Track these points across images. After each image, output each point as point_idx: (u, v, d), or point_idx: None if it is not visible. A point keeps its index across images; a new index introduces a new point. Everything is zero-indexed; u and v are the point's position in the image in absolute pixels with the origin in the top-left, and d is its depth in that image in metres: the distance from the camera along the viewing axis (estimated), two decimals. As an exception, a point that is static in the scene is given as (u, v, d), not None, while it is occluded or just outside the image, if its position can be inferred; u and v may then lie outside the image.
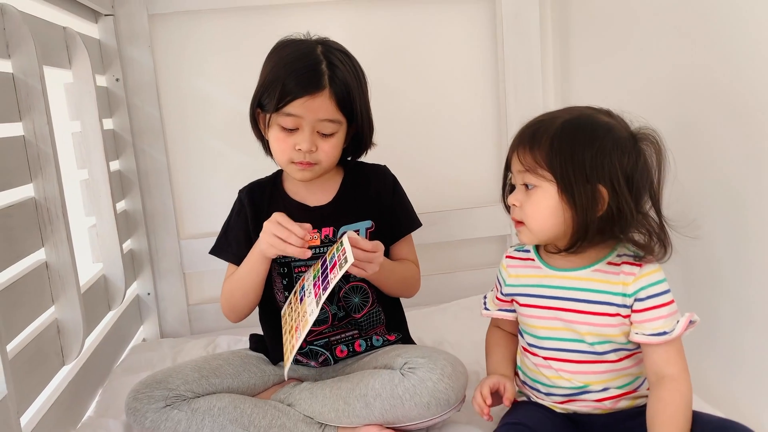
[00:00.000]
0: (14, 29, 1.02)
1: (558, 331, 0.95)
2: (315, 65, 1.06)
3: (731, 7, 1.06)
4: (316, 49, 1.09)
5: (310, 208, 1.17)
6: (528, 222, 0.93)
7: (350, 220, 1.15)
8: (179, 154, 1.67)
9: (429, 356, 1.03)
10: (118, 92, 1.57)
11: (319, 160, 1.10)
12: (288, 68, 1.06)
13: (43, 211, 1.08)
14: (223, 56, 1.66)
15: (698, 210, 1.15)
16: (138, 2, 1.55)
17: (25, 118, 1.05)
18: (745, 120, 1.06)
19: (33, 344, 1.01)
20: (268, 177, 1.25)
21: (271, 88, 1.07)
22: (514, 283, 1.02)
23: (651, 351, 0.90)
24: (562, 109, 0.97)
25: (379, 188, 1.20)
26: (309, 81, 1.05)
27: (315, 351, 1.16)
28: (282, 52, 1.11)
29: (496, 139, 1.82)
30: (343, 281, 1.15)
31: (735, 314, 1.12)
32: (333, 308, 1.15)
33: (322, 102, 1.06)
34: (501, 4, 1.70)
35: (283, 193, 1.19)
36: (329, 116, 1.07)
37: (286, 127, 1.08)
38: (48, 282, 1.10)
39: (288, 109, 1.05)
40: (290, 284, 1.15)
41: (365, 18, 1.70)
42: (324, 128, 1.08)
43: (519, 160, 0.93)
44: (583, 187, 0.88)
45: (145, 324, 1.67)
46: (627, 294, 0.90)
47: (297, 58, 1.08)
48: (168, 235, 1.64)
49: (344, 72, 1.08)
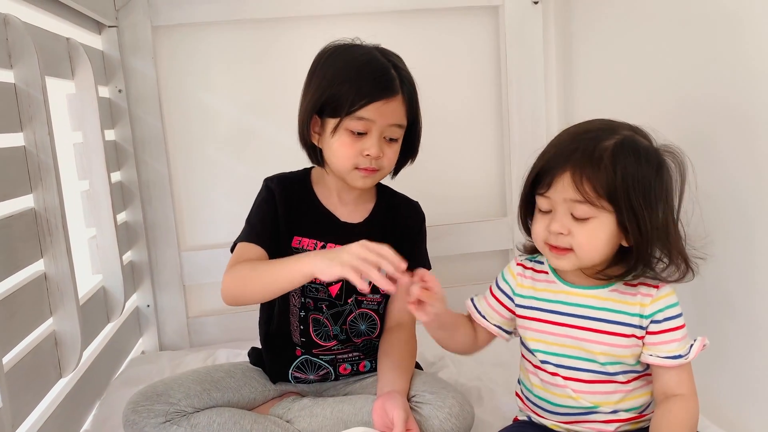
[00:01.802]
0: (17, 40, 1.02)
1: (569, 348, 0.93)
2: (386, 69, 1.05)
3: (736, 17, 1.06)
4: (377, 53, 1.08)
5: (339, 222, 1.14)
6: (580, 251, 0.88)
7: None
8: (181, 165, 1.67)
9: (437, 392, 1.01)
10: (121, 103, 1.57)
11: (382, 166, 1.07)
12: (359, 71, 1.04)
13: (43, 222, 1.07)
14: (225, 68, 1.66)
15: (705, 228, 1.14)
16: (142, 14, 1.56)
17: (26, 129, 1.04)
18: (751, 133, 1.05)
19: (30, 356, 1.00)
20: (296, 173, 1.20)
21: (341, 91, 1.03)
22: (525, 294, 0.98)
23: (662, 373, 0.89)
24: (588, 123, 0.92)
25: (410, 222, 1.19)
26: (384, 85, 1.03)
27: (316, 363, 1.14)
28: (345, 55, 1.08)
29: (499, 152, 1.81)
30: (355, 306, 1.13)
31: (745, 336, 1.10)
32: (336, 329, 1.13)
33: (396, 106, 1.05)
34: (504, 16, 1.70)
35: (314, 198, 1.15)
36: (399, 121, 1.06)
37: (355, 132, 1.04)
38: (46, 293, 1.09)
39: (362, 112, 1.02)
40: (303, 291, 1.11)
41: (369, 31, 1.67)
42: (391, 133, 1.06)
43: (574, 189, 0.85)
44: (649, 215, 0.85)
45: (144, 336, 1.66)
46: (644, 315, 0.89)
47: (366, 62, 1.05)
48: (168, 246, 1.64)
49: (409, 77, 1.08)
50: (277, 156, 1.69)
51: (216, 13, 1.60)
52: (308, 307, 1.12)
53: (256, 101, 1.68)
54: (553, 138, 0.93)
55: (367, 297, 1.13)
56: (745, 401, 1.12)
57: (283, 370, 1.15)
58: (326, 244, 1.11)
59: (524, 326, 0.98)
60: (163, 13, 1.57)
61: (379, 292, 1.12)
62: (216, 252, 1.67)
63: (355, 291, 1.12)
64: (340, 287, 1.11)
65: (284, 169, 1.22)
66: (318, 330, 1.13)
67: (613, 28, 1.45)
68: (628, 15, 1.37)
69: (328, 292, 1.11)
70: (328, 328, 1.12)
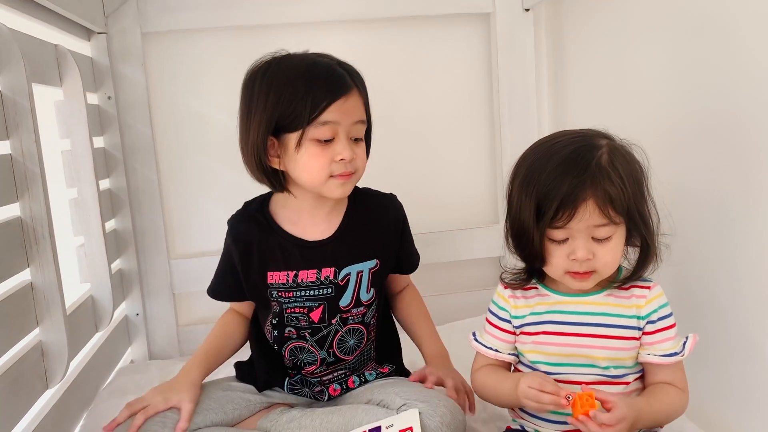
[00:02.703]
0: (3, 47, 1.00)
1: (569, 357, 0.92)
2: (332, 67, 1.01)
3: (728, 28, 1.06)
4: (312, 55, 1.03)
5: (308, 244, 1.08)
6: (604, 269, 0.89)
7: (354, 260, 1.08)
8: (170, 172, 1.66)
9: (429, 401, 0.98)
10: (110, 110, 1.56)
11: (357, 167, 1.03)
12: (307, 76, 0.98)
13: (30, 231, 1.06)
14: (215, 75, 1.65)
15: (689, 230, 1.15)
16: (131, 20, 1.55)
17: (13, 137, 1.03)
18: (739, 138, 1.05)
19: (15, 367, 0.99)
20: (256, 205, 1.14)
21: (294, 101, 0.97)
22: (521, 314, 0.97)
23: (658, 371, 0.92)
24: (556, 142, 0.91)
25: (388, 222, 1.13)
26: (338, 82, 0.99)
27: (310, 381, 1.12)
28: (282, 67, 1.01)
29: (490, 159, 1.81)
30: (341, 325, 1.09)
31: (727, 336, 1.11)
32: (323, 353, 1.09)
33: (355, 102, 1.01)
34: (495, 23, 1.70)
35: (277, 227, 1.09)
36: (361, 117, 1.02)
37: (322, 140, 0.98)
38: (33, 303, 1.07)
39: (324, 116, 0.97)
40: (281, 324, 1.09)
41: (359, 39, 1.70)
42: (357, 132, 1.02)
43: (600, 214, 0.84)
44: (649, 215, 0.90)
45: (133, 345, 1.64)
46: (641, 316, 0.91)
47: (310, 66, 1.00)
48: (158, 254, 1.62)
49: (354, 69, 1.04)
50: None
51: (206, 19, 1.59)
52: (290, 336, 1.09)
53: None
54: (523, 167, 0.91)
55: (352, 312, 1.09)
56: (725, 400, 1.12)
57: (279, 381, 1.13)
58: (298, 272, 1.07)
59: (522, 341, 0.97)
60: (152, 20, 1.57)
61: (362, 305, 1.09)
62: (206, 260, 1.65)
63: (338, 311, 1.08)
64: (322, 310, 1.08)
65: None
66: (303, 356, 1.10)
67: (604, 35, 1.45)
68: (619, 22, 1.38)
69: (310, 319, 1.08)
70: (314, 353, 1.09)
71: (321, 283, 1.07)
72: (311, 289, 1.07)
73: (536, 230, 0.88)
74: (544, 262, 0.91)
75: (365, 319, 1.11)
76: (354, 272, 1.08)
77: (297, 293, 1.07)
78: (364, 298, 1.09)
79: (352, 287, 1.08)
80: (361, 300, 1.09)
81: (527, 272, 0.98)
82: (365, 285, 1.09)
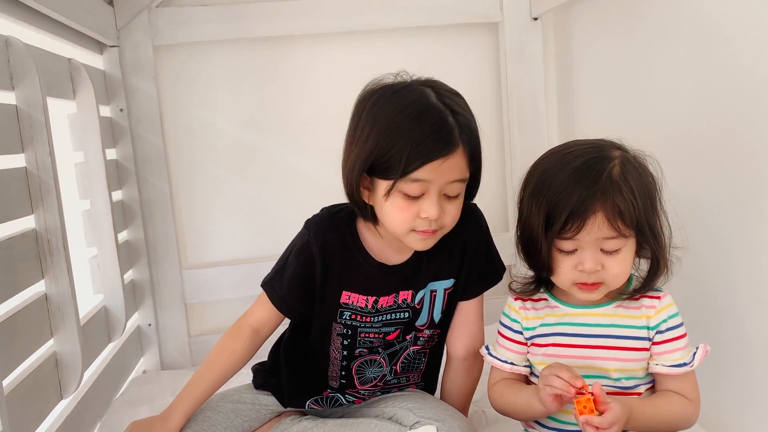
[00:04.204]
0: (18, 62, 1.02)
1: (580, 369, 0.90)
2: (442, 118, 0.90)
3: (736, 31, 1.06)
4: (431, 96, 0.93)
5: (390, 269, 1.03)
6: (612, 282, 0.88)
7: (429, 280, 1.04)
8: (182, 183, 1.67)
9: (443, 420, 0.96)
10: (122, 122, 1.57)
11: (443, 224, 0.95)
12: (412, 124, 0.90)
13: (44, 243, 1.07)
14: (226, 86, 1.67)
15: (702, 242, 1.14)
16: (143, 34, 1.57)
17: (28, 150, 1.04)
18: (751, 145, 1.05)
19: (30, 378, 1.00)
20: (340, 217, 1.05)
21: (392, 150, 0.90)
22: (532, 326, 0.97)
23: (667, 381, 0.90)
24: (569, 151, 0.90)
25: (467, 237, 1.04)
26: (442, 140, 0.89)
27: (337, 400, 1.10)
28: (394, 102, 0.93)
29: (500, 168, 1.81)
30: (413, 341, 1.06)
31: (744, 346, 1.10)
32: (387, 369, 1.07)
33: (457, 162, 0.91)
34: (503, 32, 1.71)
35: (362, 250, 1.03)
36: (460, 176, 0.93)
37: (411, 195, 0.92)
38: (47, 314, 1.08)
39: (417, 174, 0.89)
40: (352, 345, 1.05)
41: (370, 50, 1.71)
42: (452, 190, 0.93)
43: (609, 227, 0.84)
44: (660, 229, 0.89)
45: (145, 355, 1.65)
46: (650, 327, 0.90)
47: (420, 112, 0.91)
48: (170, 265, 1.63)
49: (468, 121, 0.93)
50: (278, 174, 1.70)
51: (216, 32, 1.61)
52: (361, 354, 1.06)
53: (257, 119, 1.69)
54: (535, 175, 0.91)
55: (424, 333, 1.07)
56: (747, 410, 1.11)
57: (301, 400, 1.11)
58: (378, 298, 1.03)
59: (533, 353, 0.97)
60: (164, 33, 1.58)
61: (435, 326, 1.07)
62: (217, 270, 1.67)
63: (413, 328, 1.05)
64: (399, 333, 1.05)
65: (287, 188, 1.19)
66: (363, 373, 1.08)
67: (613, 43, 1.45)
68: (628, 31, 1.38)
69: (385, 341, 1.06)
70: (383, 367, 1.07)
71: (398, 306, 1.04)
72: (389, 313, 1.04)
73: (545, 240, 0.87)
74: (552, 272, 0.91)
75: (431, 340, 1.09)
76: (428, 292, 1.05)
77: (375, 318, 1.04)
78: (437, 318, 1.07)
79: (427, 307, 1.06)
80: (434, 320, 1.07)
81: (536, 281, 0.98)
82: (440, 305, 1.06)
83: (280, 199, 1.70)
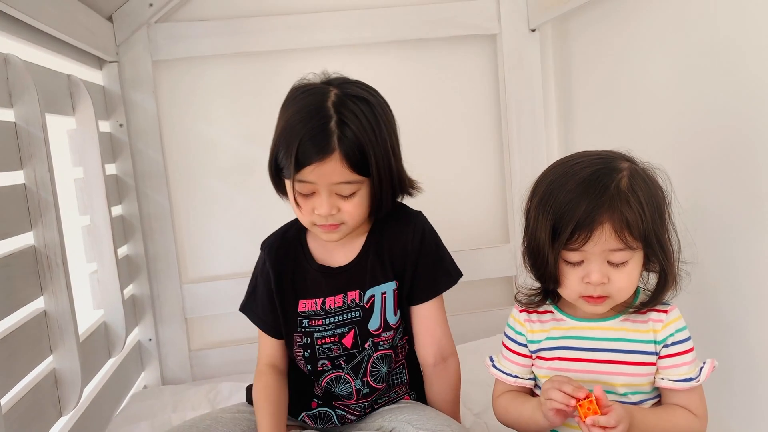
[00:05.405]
0: (17, 79, 1.03)
1: (586, 383, 0.89)
2: (322, 125, 0.95)
3: (737, 51, 1.06)
4: (327, 100, 0.97)
5: (334, 271, 1.08)
6: (619, 294, 0.87)
7: (375, 281, 1.06)
8: (182, 198, 1.68)
9: (442, 431, 0.96)
10: (122, 137, 1.58)
11: (343, 220, 1.00)
12: (296, 131, 0.96)
13: (43, 259, 1.07)
14: (226, 101, 1.67)
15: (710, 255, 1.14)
16: (142, 49, 1.57)
17: (27, 167, 1.05)
18: (751, 162, 1.04)
19: (29, 395, 0.99)
20: (293, 230, 1.13)
21: (283, 153, 0.97)
22: (537, 338, 0.96)
23: (674, 396, 0.89)
24: (577, 162, 0.89)
25: (406, 241, 1.08)
26: (317, 146, 0.94)
27: (330, 416, 1.10)
28: (292, 107, 1.00)
29: (499, 179, 1.81)
30: (373, 349, 1.07)
31: (753, 360, 1.09)
32: (358, 383, 1.07)
33: (333, 166, 0.95)
34: (502, 44, 1.71)
35: (308, 255, 1.10)
36: (344, 179, 0.97)
37: (303, 193, 0.99)
38: (46, 331, 1.08)
39: (300, 176, 0.96)
40: (313, 357, 1.07)
41: (369, 62, 1.71)
42: (341, 190, 0.98)
43: (616, 239, 0.83)
44: (669, 242, 0.87)
45: (146, 371, 1.65)
46: (657, 341, 0.89)
47: (305, 117, 0.96)
48: (170, 279, 1.63)
49: (357, 127, 0.96)
50: (277, 187, 1.70)
51: (215, 46, 1.61)
52: (324, 369, 1.07)
53: (257, 133, 1.69)
54: (543, 186, 0.90)
55: (382, 336, 1.07)
56: (752, 425, 1.10)
57: (295, 413, 1.11)
58: (325, 299, 1.07)
59: (538, 366, 0.96)
60: (163, 48, 1.59)
61: (391, 328, 1.07)
62: (218, 284, 1.66)
63: (369, 335, 1.06)
64: (353, 335, 1.07)
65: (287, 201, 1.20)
66: (339, 387, 1.09)
67: (611, 55, 1.45)
68: (626, 42, 1.38)
69: (343, 345, 1.06)
70: (350, 383, 1.08)
71: (348, 306, 1.06)
72: (339, 314, 1.05)
73: (551, 251, 0.86)
74: (559, 283, 0.90)
75: (394, 341, 1.09)
76: (378, 294, 1.07)
77: (326, 320, 1.06)
78: (391, 320, 1.07)
79: (378, 309, 1.07)
80: (389, 323, 1.07)
81: (542, 293, 0.97)
82: (391, 307, 1.07)
83: (279, 213, 1.69)
